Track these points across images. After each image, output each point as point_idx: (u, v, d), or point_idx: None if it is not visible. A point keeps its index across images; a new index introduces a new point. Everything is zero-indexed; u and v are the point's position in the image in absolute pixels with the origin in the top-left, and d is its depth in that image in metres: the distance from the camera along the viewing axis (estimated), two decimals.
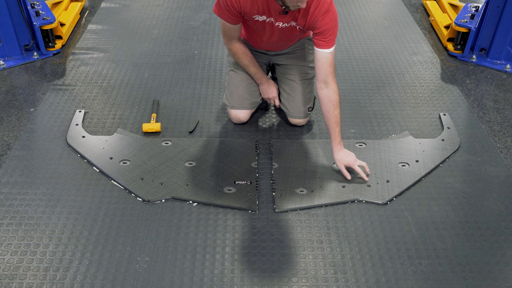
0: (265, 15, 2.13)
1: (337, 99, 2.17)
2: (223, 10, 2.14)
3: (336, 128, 2.18)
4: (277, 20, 2.14)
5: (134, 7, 3.98)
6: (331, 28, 2.08)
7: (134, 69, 3.10)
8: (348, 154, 2.19)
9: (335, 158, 2.21)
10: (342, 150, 2.20)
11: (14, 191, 2.12)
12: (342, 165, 2.18)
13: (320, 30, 2.08)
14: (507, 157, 2.39)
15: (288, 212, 2.05)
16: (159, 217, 2.00)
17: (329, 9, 2.05)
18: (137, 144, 2.40)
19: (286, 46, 2.42)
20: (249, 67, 2.41)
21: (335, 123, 2.17)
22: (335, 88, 2.17)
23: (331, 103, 2.16)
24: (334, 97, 2.16)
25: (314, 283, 1.75)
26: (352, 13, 3.91)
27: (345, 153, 2.20)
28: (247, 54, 2.38)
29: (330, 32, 2.09)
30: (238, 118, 2.51)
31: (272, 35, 2.25)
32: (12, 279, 1.74)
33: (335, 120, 2.17)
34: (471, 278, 1.77)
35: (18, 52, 3.17)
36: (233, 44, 2.34)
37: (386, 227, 1.98)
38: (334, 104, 2.16)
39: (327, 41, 2.10)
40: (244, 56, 2.37)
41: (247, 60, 2.39)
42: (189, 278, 1.76)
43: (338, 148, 2.20)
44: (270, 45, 2.37)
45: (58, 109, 2.68)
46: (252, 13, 2.13)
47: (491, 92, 2.94)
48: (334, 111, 2.16)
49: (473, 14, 3.29)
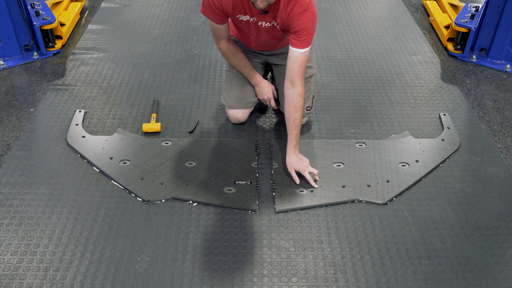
0: (248, 15, 2.14)
1: (300, 102, 2.14)
2: (207, 10, 2.15)
3: (293, 130, 2.16)
4: (259, 20, 2.14)
5: (134, 7, 3.98)
6: (306, 28, 2.05)
7: (134, 69, 3.10)
8: (300, 160, 2.17)
9: (287, 161, 2.20)
10: (295, 153, 2.18)
11: (14, 191, 2.12)
12: (292, 169, 2.17)
13: (295, 29, 2.07)
14: (507, 157, 2.39)
15: (288, 212, 2.05)
16: (159, 217, 2.00)
17: (306, 8, 2.02)
18: (137, 144, 2.40)
19: (278, 46, 2.41)
20: (240, 67, 2.41)
21: (293, 126, 2.16)
22: (300, 90, 2.14)
23: (293, 105, 2.14)
24: (297, 100, 2.13)
25: (314, 283, 1.75)
26: (352, 13, 3.91)
27: (298, 158, 2.18)
28: (236, 55, 2.37)
29: (305, 32, 2.06)
30: (236, 118, 2.51)
31: (259, 35, 2.25)
32: (12, 279, 1.74)
33: (293, 122, 2.15)
34: (471, 278, 1.77)
35: (18, 52, 3.17)
36: (222, 44, 2.34)
37: (386, 227, 1.98)
38: (296, 106, 2.14)
39: (301, 41, 2.08)
40: (233, 56, 2.37)
41: (237, 61, 2.38)
42: (189, 278, 1.76)
43: (291, 151, 2.18)
44: (261, 44, 2.37)
45: (58, 109, 2.69)
46: (235, 12, 2.13)
47: (491, 92, 2.94)
48: (294, 114, 2.14)
49: (473, 14, 3.29)
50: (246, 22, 2.18)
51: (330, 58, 3.25)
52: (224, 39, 2.32)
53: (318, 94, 2.85)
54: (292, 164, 2.18)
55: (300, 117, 2.16)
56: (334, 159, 2.31)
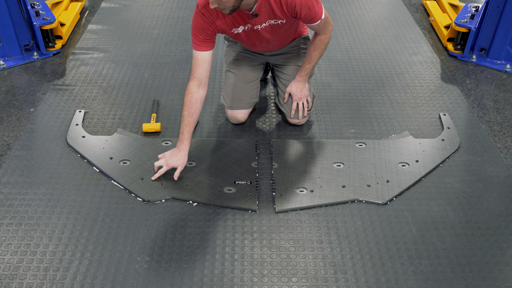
0: (241, 25, 2.14)
1: (320, 45, 2.30)
2: (199, 35, 2.09)
3: (307, 65, 2.36)
4: (254, 24, 2.14)
5: (134, 7, 3.98)
6: (310, 7, 2.07)
7: (134, 69, 3.10)
8: (300, 89, 2.36)
9: (289, 84, 2.44)
10: (301, 82, 2.40)
11: (14, 191, 2.12)
12: (287, 92, 2.44)
13: (301, 14, 2.09)
14: (507, 157, 2.39)
15: (288, 212, 2.05)
16: (159, 217, 2.00)
17: None
18: (137, 144, 2.40)
19: (283, 44, 2.42)
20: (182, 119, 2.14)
21: (307, 61, 2.36)
22: (323, 37, 2.28)
23: (313, 45, 2.31)
24: (318, 42, 2.29)
25: (314, 283, 1.75)
26: (352, 13, 3.91)
27: (300, 87, 2.40)
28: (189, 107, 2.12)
29: (312, 10, 2.09)
30: (236, 118, 2.51)
31: (261, 38, 2.25)
32: (12, 279, 1.74)
33: (309, 58, 2.35)
34: (471, 278, 1.77)
35: (18, 52, 3.17)
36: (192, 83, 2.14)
37: (386, 227, 1.98)
38: (315, 46, 2.31)
39: (312, 17, 2.12)
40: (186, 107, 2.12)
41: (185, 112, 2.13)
42: (189, 278, 1.76)
43: (298, 79, 2.41)
44: (268, 46, 2.36)
45: (58, 109, 2.69)
46: (229, 28, 2.15)
47: (491, 92, 2.94)
48: (312, 52, 2.33)
49: (473, 14, 3.29)
50: (243, 32, 2.19)
51: (330, 58, 3.25)
52: (197, 80, 2.14)
53: (318, 94, 2.85)
54: (291, 88, 2.42)
55: (316, 56, 2.33)
56: (334, 159, 2.31)
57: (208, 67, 2.17)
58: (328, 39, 2.30)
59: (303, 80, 2.41)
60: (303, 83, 2.41)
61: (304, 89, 2.43)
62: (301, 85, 2.41)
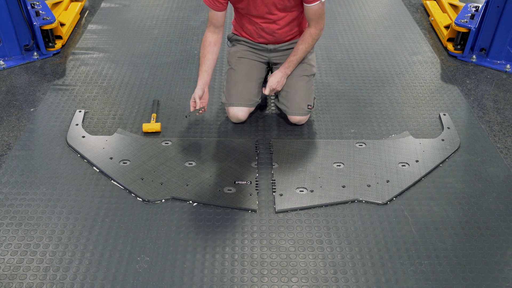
0: None
1: (308, 39, 2.36)
2: None
3: (292, 57, 2.40)
4: None
5: (134, 7, 3.98)
6: None
7: (134, 69, 3.10)
8: (277, 80, 2.40)
9: (274, 73, 2.46)
10: (281, 73, 2.41)
11: (14, 191, 2.12)
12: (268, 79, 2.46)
13: None
14: (507, 157, 2.39)
15: (288, 212, 2.05)
16: (159, 217, 2.00)
17: None
18: (137, 144, 2.40)
19: (287, 35, 2.43)
20: (201, 59, 2.43)
21: (293, 53, 2.40)
22: (312, 30, 2.34)
23: (302, 38, 2.37)
24: (306, 36, 2.36)
25: (314, 283, 1.75)
26: (352, 13, 3.91)
27: (278, 78, 2.40)
28: (208, 48, 2.40)
29: None
30: (236, 116, 2.51)
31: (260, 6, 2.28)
32: (12, 279, 1.74)
33: (295, 51, 2.39)
34: (471, 278, 1.77)
35: (18, 52, 3.17)
36: (208, 31, 2.41)
37: (386, 227, 1.98)
38: (303, 39, 2.37)
39: None
40: (204, 49, 2.41)
41: (204, 52, 2.41)
42: (189, 278, 1.76)
43: (279, 70, 2.42)
44: (271, 32, 2.39)
45: (58, 109, 2.69)
46: None
47: (491, 92, 2.94)
48: (299, 45, 2.38)
49: (473, 14, 3.29)
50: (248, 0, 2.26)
51: (330, 58, 3.25)
52: (213, 27, 2.40)
53: (318, 94, 2.85)
54: (271, 78, 2.43)
55: (302, 50, 2.38)
56: (334, 159, 2.31)
57: (222, 18, 2.37)
58: (317, 35, 2.36)
59: (283, 71, 2.42)
60: (282, 74, 2.42)
61: (281, 82, 2.44)
62: (279, 77, 2.42)
